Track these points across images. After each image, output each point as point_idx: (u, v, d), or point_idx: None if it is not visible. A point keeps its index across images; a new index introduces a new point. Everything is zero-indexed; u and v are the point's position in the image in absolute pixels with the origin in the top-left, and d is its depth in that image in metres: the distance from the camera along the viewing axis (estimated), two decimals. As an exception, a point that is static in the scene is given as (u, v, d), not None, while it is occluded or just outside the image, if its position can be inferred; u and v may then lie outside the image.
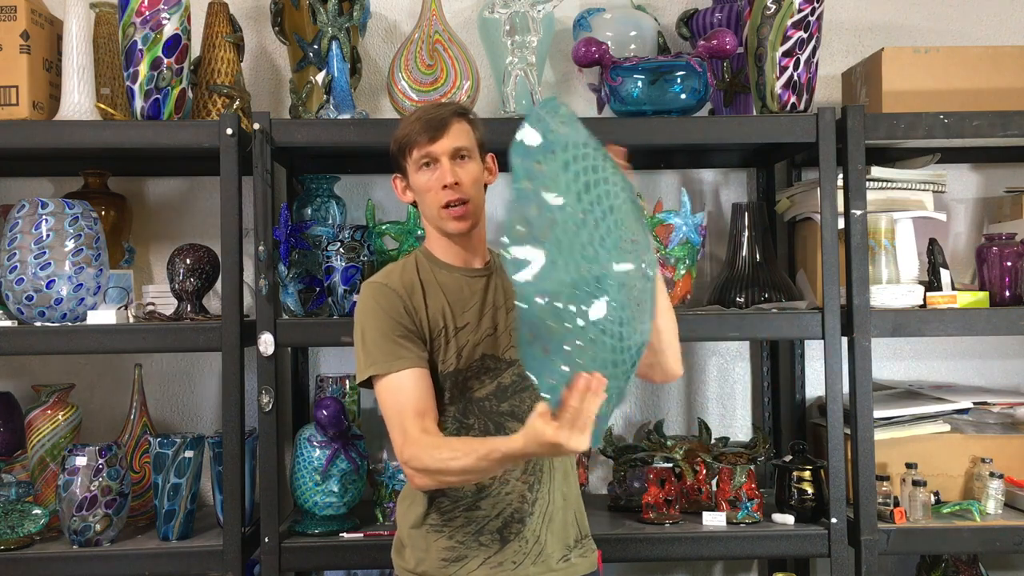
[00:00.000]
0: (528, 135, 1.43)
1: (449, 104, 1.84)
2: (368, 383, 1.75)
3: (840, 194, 2.32)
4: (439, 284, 1.80)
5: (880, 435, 2.36)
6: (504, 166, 1.74)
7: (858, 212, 2.29)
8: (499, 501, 1.76)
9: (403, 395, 1.71)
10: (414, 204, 1.86)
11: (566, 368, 1.40)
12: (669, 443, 2.57)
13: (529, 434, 1.47)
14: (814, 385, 2.77)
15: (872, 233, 2.41)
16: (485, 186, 1.83)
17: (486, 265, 1.85)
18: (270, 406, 2.23)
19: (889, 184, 2.48)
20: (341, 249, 2.32)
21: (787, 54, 2.34)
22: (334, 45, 2.37)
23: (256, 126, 2.23)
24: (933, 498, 2.40)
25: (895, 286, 2.38)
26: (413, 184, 1.79)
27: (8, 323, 2.31)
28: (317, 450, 2.31)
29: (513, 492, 1.76)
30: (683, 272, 2.40)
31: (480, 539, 1.75)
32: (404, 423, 1.69)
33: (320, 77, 2.36)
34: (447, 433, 1.75)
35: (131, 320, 2.34)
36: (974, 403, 2.53)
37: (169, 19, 2.30)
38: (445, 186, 1.74)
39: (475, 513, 1.76)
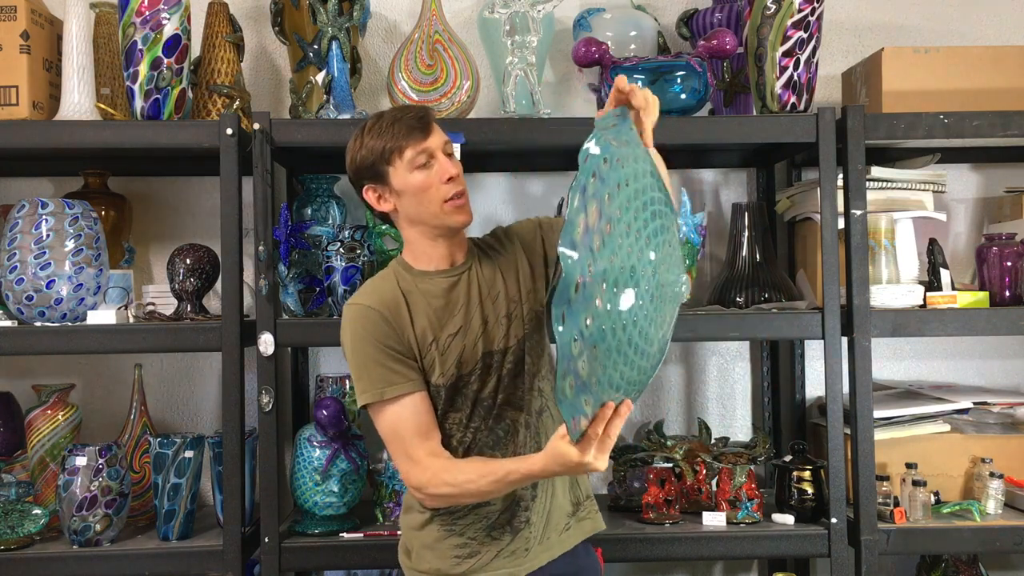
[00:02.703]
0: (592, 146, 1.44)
1: (416, 106, 1.83)
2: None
3: (840, 194, 2.32)
4: (422, 294, 1.77)
5: (880, 435, 2.36)
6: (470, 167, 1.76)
7: (858, 212, 2.29)
8: (507, 494, 1.75)
9: (400, 422, 1.71)
10: (382, 216, 1.83)
11: (588, 408, 1.44)
12: (669, 443, 2.57)
13: (553, 456, 1.51)
14: (814, 385, 2.77)
15: (872, 233, 2.41)
16: None
17: (467, 257, 1.84)
18: (270, 406, 2.23)
19: (889, 184, 2.48)
20: (341, 249, 2.32)
21: (787, 54, 2.34)
22: (334, 45, 2.37)
23: (256, 126, 2.23)
24: (933, 498, 2.40)
25: (895, 286, 2.38)
26: (404, 187, 1.74)
27: (8, 323, 2.30)
28: (317, 450, 2.31)
29: None
30: (683, 272, 2.40)
31: (492, 533, 1.76)
32: (408, 450, 1.69)
33: (320, 77, 2.36)
34: (455, 439, 1.76)
35: (131, 320, 2.34)
36: (974, 403, 2.53)
37: (169, 19, 2.30)
38: (450, 178, 1.74)
39: (484, 508, 1.76)
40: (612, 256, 1.39)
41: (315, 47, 2.47)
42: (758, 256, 2.53)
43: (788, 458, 2.45)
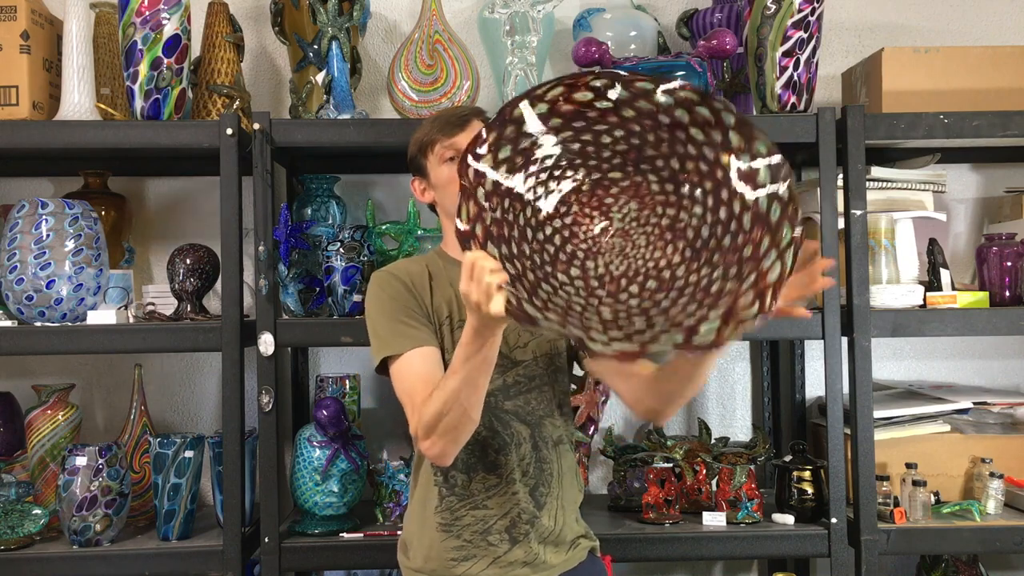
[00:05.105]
0: None
1: (467, 106, 1.88)
2: (386, 371, 1.74)
3: (840, 194, 2.32)
4: (448, 278, 1.82)
5: (880, 435, 2.36)
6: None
7: (858, 212, 2.29)
8: (506, 500, 1.77)
9: (413, 373, 1.69)
10: (431, 206, 1.90)
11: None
12: (669, 443, 2.57)
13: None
14: (814, 385, 2.77)
15: (872, 233, 2.41)
16: None
17: None
18: (270, 406, 2.23)
19: (889, 184, 2.48)
20: (341, 249, 2.32)
21: (787, 54, 2.34)
22: (334, 45, 2.37)
23: (256, 126, 2.23)
24: (933, 498, 2.40)
25: (895, 286, 2.38)
26: (435, 179, 1.82)
27: (8, 323, 2.31)
28: (317, 450, 2.31)
29: (520, 492, 1.77)
30: (683, 272, 2.40)
31: (488, 538, 1.76)
32: (415, 399, 1.66)
33: (320, 77, 2.36)
34: None
35: (131, 320, 2.34)
36: (974, 403, 2.53)
37: (169, 19, 2.30)
38: None
39: (482, 512, 1.77)
40: None
41: (315, 47, 2.47)
42: (758, 256, 2.52)
43: (788, 458, 2.45)
